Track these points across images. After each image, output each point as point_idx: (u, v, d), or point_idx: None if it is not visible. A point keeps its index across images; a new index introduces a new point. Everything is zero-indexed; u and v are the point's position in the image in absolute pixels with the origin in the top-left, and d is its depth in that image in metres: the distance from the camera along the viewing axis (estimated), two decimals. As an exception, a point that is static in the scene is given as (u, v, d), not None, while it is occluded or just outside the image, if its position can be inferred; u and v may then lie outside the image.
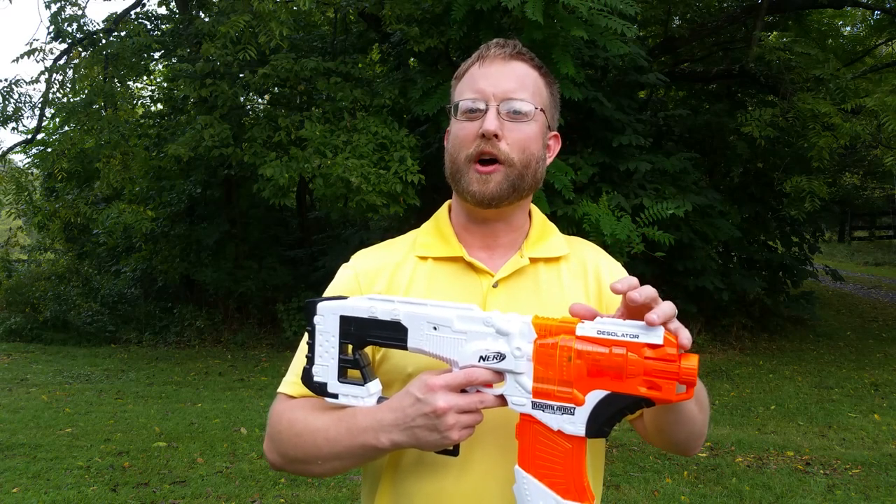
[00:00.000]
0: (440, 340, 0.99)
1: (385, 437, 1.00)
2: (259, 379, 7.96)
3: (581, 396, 0.90)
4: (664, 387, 0.87)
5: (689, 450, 1.19)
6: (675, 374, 0.86)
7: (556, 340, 0.92)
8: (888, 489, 4.39)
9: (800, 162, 9.14)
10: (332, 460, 1.07)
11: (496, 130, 1.12)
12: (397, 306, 1.02)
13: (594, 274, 1.23)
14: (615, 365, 0.88)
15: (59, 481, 4.36)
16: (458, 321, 0.98)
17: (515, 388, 0.95)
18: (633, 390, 0.88)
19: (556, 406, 0.92)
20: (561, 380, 0.91)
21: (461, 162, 1.16)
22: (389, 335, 1.02)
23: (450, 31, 7.36)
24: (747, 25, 10.38)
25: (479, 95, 1.15)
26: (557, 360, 0.91)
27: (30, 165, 11.82)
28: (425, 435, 0.97)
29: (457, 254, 1.20)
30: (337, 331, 1.04)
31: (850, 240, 21.45)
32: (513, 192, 1.15)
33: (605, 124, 8.39)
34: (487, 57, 1.18)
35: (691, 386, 0.88)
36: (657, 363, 0.87)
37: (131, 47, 8.71)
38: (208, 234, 10.78)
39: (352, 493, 4.30)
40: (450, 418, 0.95)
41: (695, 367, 0.86)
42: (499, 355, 0.95)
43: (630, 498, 4.24)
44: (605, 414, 0.90)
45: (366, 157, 7.21)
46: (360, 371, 1.04)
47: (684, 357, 0.87)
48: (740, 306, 10.04)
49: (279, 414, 1.14)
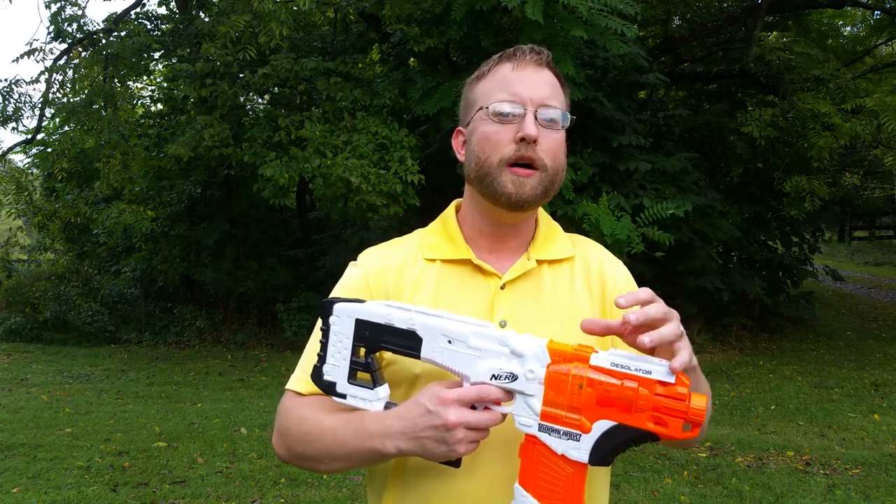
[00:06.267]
0: (454, 354, 1.00)
1: (391, 443, 1.01)
2: (259, 379, 7.96)
3: (588, 424, 0.92)
4: (671, 424, 0.88)
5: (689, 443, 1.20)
6: (684, 414, 0.88)
7: (570, 368, 0.93)
8: (888, 489, 4.39)
9: (800, 162, 9.13)
10: (338, 460, 1.08)
11: (537, 136, 1.13)
12: (414, 316, 1.02)
13: (598, 274, 1.24)
14: (625, 397, 0.90)
15: (59, 481, 4.36)
16: (474, 337, 0.99)
17: (524, 408, 0.96)
18: (640, 424, 0.89)
19: (562, 431, 0.93)
20: (570, 406, 0.92)
21: (493, 164, 1.15)
22: (403, 343, 1.03)
23: (450, 31, 7.36)
24: (747, 25, 10.38)
25: (516, 99, 1.15)
26: (569, 386, 0.92)
27: (30, 165, 11.84)
28: (433, 446, 0.98)
29: (465, 256, 1.21)
30: (352, 333, 1.05)
31: (850, 240, 21.45)
32: (544, 196, 1.17)
33: (605, 124, 8.38)
34: (523, 61, 1.18)
35: (697, 426, 0.89)
36: (667, 400, 0.89)
37: (131, 47, 8.72)
38: (208, 234, 10.79)
39: (352, 493, 4.31)
40: (459, 433, 0.96)
41: (703, 409, 0.88)
42: (511, 376, 0.96)
43: (630, 498, 4.24)
44: (611, 444, 0.91)
45: (366, 157, 7.21)
46: (371, 375, 1.05)
47: (694, 396, 0.89)
48: (740, 306, 10.04)
49: (289, 410, 1.16)
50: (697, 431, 0.90)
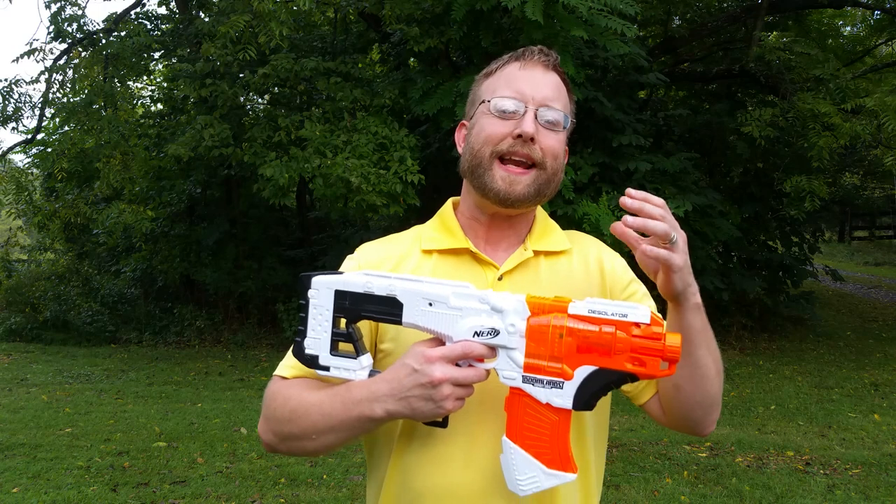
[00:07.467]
0: (435, 316, 1.01)
1: (380, 406, 1.01)
2: (259, 379, 7.96)
3: (570, 371, 0.94)
4: (649, 363, 0.91)
5: (704, 422, 1.15)
6: (660, 352, 0.91)
7: (549, 319, 0.95)
8: (888, 489, 4.39)
9: (800, 162, 9.14)
10: (326, 433, 1.07)
11: (535, 133, 1.13)
12: (394, 282, 1.03)
13: (597, 265, 1.25)
14: (604, 342, 0.93)
15: (59, 481, 4.36)
16: (454, 298, 1.00)
17: (507, 362, 0.98)
18: (619, 366, 0.92)
19: (545, 380, 0.96)
20: (551, 355, 0.95)
21: (485, 156, 1.16)
22: (384, 310, 1.03)
23: (450, 31, 7.36)
24: (747, 25, 10.38)
25: (518, 96, 1.16)
26: (549, 336, 0.95)
27: (30, 165, 11.84)
28: (420, 405, 0.99)
29: (462, 245, 1.21)
30: (331, 304, 1.05)
31: (850, 240, 21.46)
32: (537, 196, 1.17)
33: (605, 124, 8.38)
34: (531, 61, 1.19)
35: (674, 363, 0.92)
36: (643, 341, 0.91)
37: (131, 47, 8.72)
38: (208, 234, 10.78)
39: (352, 493, 4.30)
40: (445, 389, 0.97)
41: (678, 346, 0.91)
42: (493, 331, 0.98)
43: (630, 498, 4.24)
44: (592, 388, 0.94)
45: (366, 157, 7.21)
46: (353, 345, 1.06)
47: (669, 335, 0.92)
48: (740, 306, 10.04)
49: (274, 393, 1.15)
50: (674, 369, 0.93)
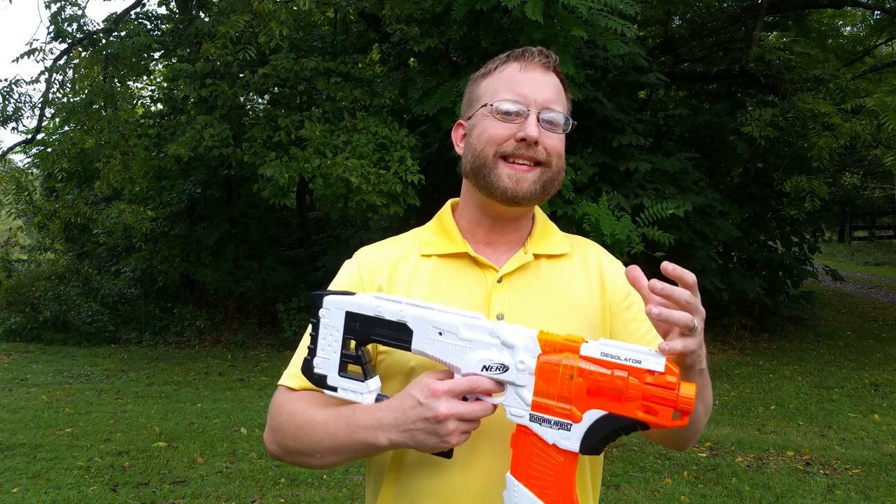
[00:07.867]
0: (444, 346, 1.00)
1: (384, 436, 1.01)
2: (259, 379, 7.96)
3: (579, 414, 0.92)
4: (660, 413, 0.89)
5: (686, 443, 1.21)
6: (673, 402, 0.89)
7: (560, 358, 0.93)
8: (888, 489, 4.39)
9: (800, 162, 9.13)
10: (330, 454, 1.08)
11: (538, 137, 1.14)
12: (404, 308, 1.02)
13: (597, 270, 1.25)
14: (615, 387, 0.90)
15: (59, 481, 4.36)
16: (465, 329, 0.99)
17: (515, 399, 0.96)
18: (630, 413, 0.90)
19: (553, 420, 0.94)
20: (560, 396, 0.93)
21: (489, 156, 1.16)
22: (394, 335, 1.03)
23: (450, 31, 7.36)
24: (747, 25, 10.37)
25: (520, 99, 1.16)
26: (559, 376, 0.93)
27: (30, 165, 11.84)
28: (424, 438, 0.98)
29: (461, 249, 1.21)
30: (342, 326, 1.05)
31: (850, 240, 21.45)
32: (542, 193, 1.18)
33: (605, 124, 8.38)
34: (531, 63, 1.19)
35: (686, 414, 0.89)
36: (656, 389, 0.89)
37: (131, 47, 8.71)
38: (208, 234, 10.78)
39: (352, 493, 4.30)
40: (450, 424, 0.97)
41: (692, 397, 0.88)
42: (502, 366, 0.96)
43: (630, 498, 4.24)
44: (601, 433, 0.92)
45: (366, 157, 7.20)
46: (362, 367, 1.05)
47: (683, 385, 0.89)
48: (740, 306, 10.04)
49: (280, 405, 1.16)
50: (687, 420, 0.90)
